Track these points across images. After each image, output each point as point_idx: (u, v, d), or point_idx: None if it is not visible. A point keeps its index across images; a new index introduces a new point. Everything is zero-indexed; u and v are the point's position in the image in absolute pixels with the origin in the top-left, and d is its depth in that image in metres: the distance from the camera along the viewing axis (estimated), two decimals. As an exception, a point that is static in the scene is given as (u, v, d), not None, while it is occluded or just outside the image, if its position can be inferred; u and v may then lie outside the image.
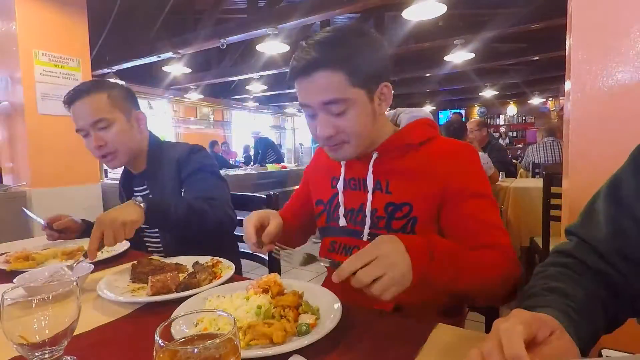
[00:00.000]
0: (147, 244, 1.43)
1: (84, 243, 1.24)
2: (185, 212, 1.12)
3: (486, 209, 0.85)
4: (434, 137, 0.93)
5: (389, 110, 0.99)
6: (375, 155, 0.93)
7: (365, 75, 0.82)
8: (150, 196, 1.35)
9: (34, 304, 0.53)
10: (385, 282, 0.62)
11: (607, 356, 0.50)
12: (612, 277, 0.62)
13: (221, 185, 1.32)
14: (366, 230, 0.91)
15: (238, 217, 1.29)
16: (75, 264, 0.93)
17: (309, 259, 0.72)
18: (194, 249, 1.11)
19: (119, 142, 1.27)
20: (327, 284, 0.96)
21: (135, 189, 1.43)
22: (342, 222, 0.96)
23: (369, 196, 0.92)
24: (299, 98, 0.86)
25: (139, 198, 1.06)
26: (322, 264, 0.71)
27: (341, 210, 0.97)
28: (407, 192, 0.89)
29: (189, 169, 1.30)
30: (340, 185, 0.98)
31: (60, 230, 1.31)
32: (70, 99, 1.25)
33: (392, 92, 0.89)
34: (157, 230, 1.36)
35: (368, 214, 0.91)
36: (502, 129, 12.41)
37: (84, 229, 1.36)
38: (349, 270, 0.63)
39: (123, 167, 1.46)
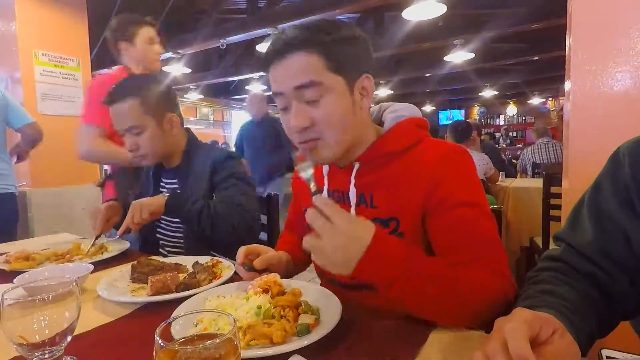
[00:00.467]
0: (162, 241, 1.43)
1: (77, 243, 1.25)
2: (200, 208, 1.20)
3: (477, 220, 0.75)
4: (421, 140, 0.84)
5: (373, 105, 0.92)
6: (357, 166, 0.85)
7: (343, 60, 0.77)
8: (179, 191, 1.39)
9: (33, 304, 0.53)
10: (320, 244, 0.61)
11: (607, 356, 0.50)
12: (602, 279, 0.62)
13: (250, 193, 1.34)
14: None
15: None
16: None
17: None
18: (214, 248, 1.12)
19: (149, 147, 1.32)
20: (326, 284, 0.96)
21: (165, 180, 1.46)
22: None
23: (352, 211, 0.84)
24: (272, 88, 0.80)
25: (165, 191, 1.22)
26: None
27: None
28: (392, 205, 0.81)
29: (222, 175, 1.33)
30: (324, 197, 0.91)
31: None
32: (108, 102, 1.29)
33: (374, 87, 0.83)
34: (180, 226, 1.37)
35: None
36: (502, 129, 12.42)
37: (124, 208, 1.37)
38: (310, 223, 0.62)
39: None
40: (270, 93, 0.86)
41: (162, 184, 1.46)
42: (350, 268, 0.62)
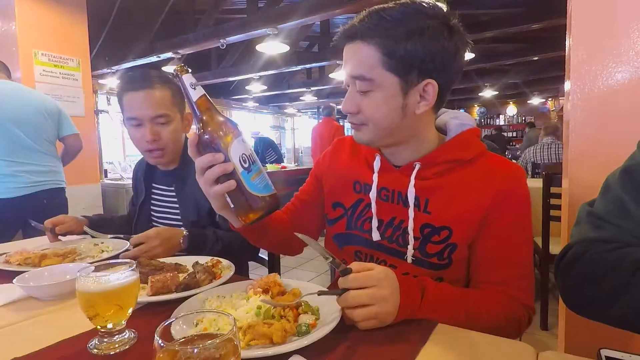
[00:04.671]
0: None
1: (77, 244, 1.24)
2: (219, 250, 1.17)
3: (523, 245, 0.80)
4: (483, 153, 0.84)
5: None
6: (417, 167, 0.83)
7: (404, 62, 0.73)
8: (176, 199, 1.32)
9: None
10: (370, 313, 0.64)
11: (606, 356, 0.50)
12: None
13: None
14: (410, 252, 0.82)
15: None
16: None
17: (326, 254, 0.69)
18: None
19: (171, 140, 1.27)
20: (335, 286, 0.96)
21: (157, 185, 1.40)
22: (376, 236, 0.86)
23: (411, 212, 0.82)
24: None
25: (185, 232, 1.15)
26: (328, 261, 0.69)
27: (374, 222, 0.86)
28: (448, 214, 0.80)
29: None
30: (373, 194, 0.87)
31: (63, 234, 1.30)
32: (139, 86, 1.21)
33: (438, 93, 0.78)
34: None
35: (411, 232, 0.82)
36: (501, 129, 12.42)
37: (88, 225, 1.34)
38: (345, 286, 0.65)
39: (136, 166, 1.47)
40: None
41: (155, 190, 1.40)
42: (397, 310, 0.66)
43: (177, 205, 1.34)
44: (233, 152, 0.72)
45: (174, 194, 1.35)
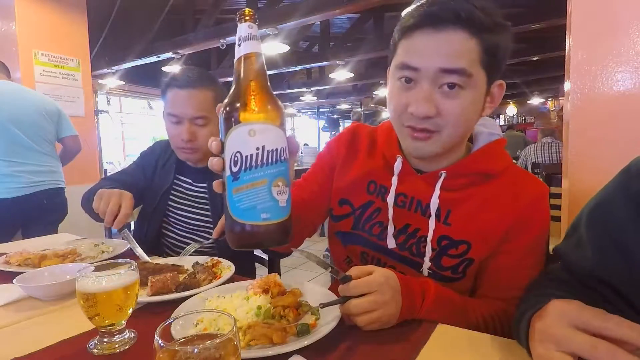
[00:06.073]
0: (170, 244, 1.37)
1: (77, 245, 1.24)
2: None
3: (533, 269, 0.75)
4: (509, 166, 0.80)
5: None
6: (443, 176, 0.78)
7: (493, 59, 0.66)
8: (208, 197, 1.31)
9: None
10: (373, 318, 0.63)
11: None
12: (599, 302, 0.58)
13: None
14: (426, 264, 0.79)
15: None
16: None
17: (323, 264, 0.69)
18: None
19: (206, 141, 1.26)
20: (336, 287, 0.95)
21: (182, 177, 1.38)
22: (391, 243, 0.82)
23: (432, 224, 0.77)
24: (404, 56, 0.69)
25: None
26: (329, 271, 0.69)
27: (390, 229, 0.82)
28: (468, 228, 0.76)
29: None
30: (390, 199, 0.82)
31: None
32: (183, 84, 1.22)
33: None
34: (196, 231, 1.33)
35: (429, 243, 0.78)
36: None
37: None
38: (346, 294, 0.65)
39: (159, 146, 1.46)
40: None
41: (177, 181, 1.38)
42: (399, 312, 0.65)
43: (201, 201, 1.34)
44: (229, 143, 0.52)
45: (202, 190, 1.34)
